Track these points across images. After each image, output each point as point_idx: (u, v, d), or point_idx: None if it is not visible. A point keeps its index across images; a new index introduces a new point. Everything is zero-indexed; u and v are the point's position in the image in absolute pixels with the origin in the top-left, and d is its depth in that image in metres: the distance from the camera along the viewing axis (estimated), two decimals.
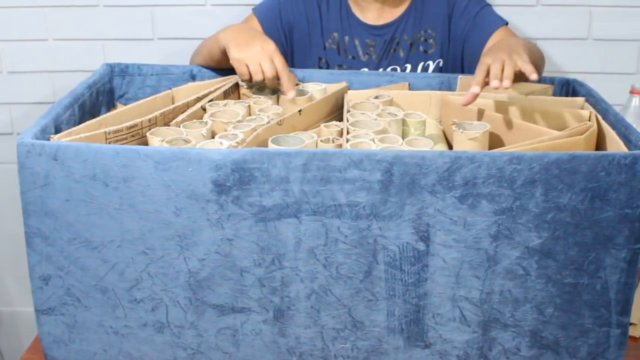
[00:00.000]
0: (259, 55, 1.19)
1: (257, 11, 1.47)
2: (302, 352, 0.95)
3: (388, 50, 1.46)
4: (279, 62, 1.20)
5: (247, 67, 1.19)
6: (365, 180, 0.86)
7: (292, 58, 1.48)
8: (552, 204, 0.87)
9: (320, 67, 1.47)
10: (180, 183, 0.87)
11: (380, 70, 1.45)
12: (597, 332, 0.93)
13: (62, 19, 1.69)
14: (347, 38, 1.45)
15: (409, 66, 1.46)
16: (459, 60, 1.45)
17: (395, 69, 1.46)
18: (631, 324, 1.08)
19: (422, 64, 1.45)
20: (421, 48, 1.45)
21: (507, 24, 1.43)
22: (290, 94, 1.18)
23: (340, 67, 1.46)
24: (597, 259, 0.89)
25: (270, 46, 1.21)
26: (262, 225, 0.88)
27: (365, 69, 1.45)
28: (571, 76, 1.24)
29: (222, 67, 1.30)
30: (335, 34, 1.46)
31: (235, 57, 1.20)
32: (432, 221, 0.88)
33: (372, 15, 1.47)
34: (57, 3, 1.68)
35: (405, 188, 0.87)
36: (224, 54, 1.24)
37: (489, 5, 1.47)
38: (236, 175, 0.87)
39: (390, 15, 1.46)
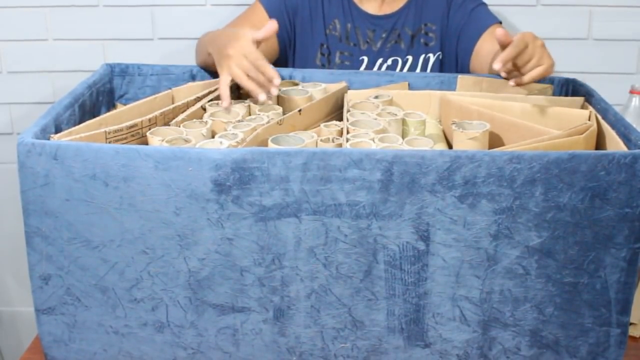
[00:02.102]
0: (240, 68, 1.12)
1: None
2: (302, 352, 0.95)
3: (389, 41, 1.47)
4: (256, 63, 1.11)
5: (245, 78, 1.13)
6: (365, 179, 0.86)
7: (294, 43, 1.49)
8: (552, 204, 0.87)
9: (322, 54, 1.47)
10: (180, 182, 0.87)
11: (381, 60, 1.46)
12: (597, 331, 0.93)
13: (62, 19, 1.69)
14: (349, 25, 1.47)
15: (410, 58, 1.46)
16: (454, 54, 1.46)
17: (396, 61, 1.47)
18: (631, 323, 1.08)
19: (423, 56, 1.46)
20: (422, 41, 1.47)
21: (500, 22, 1.45)
22: (261, 96, 1.11)
23: (342, 53, 1.47)
24: (597, 259, 0.89)
25: (243, 49, 1.13)
26: (262, 225, 0.88)
27: (365, 57, 1.46)
28: (571, 76, 1.24)
29: None
30: (337, 21, 1.47)
31: (226, 74, 1.13)
32: (432, 220, 0.88)
33: (372, 6, 1.48)
34: (57, 3, 1.68)
35: (405, 187, 0.87)
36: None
37: (484, 3, 1.49)
38: (236, 174, 0.87)
39: (389, 6, 1.48)
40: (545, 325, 0.92)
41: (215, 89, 1.20)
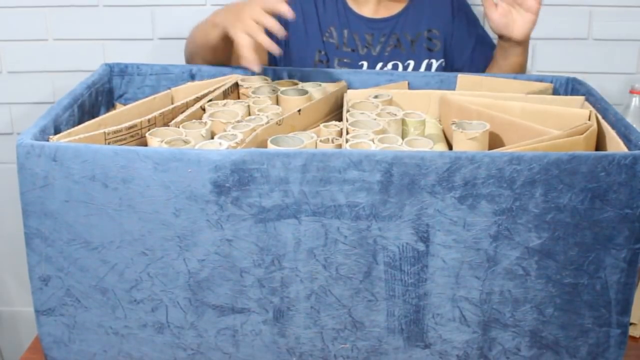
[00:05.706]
0: (248, 22, 1.13)
1: None
2: (302, 353, 0.95)
3: (388, 44, 1.46)
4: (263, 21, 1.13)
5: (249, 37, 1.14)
6: (365, 180, 0.86)
7: (288, 49, 1.48)
8: (552, 204, 0.87)
9: (320, 61, 1.47)
10: (179, 184, 0.87)
11: (381, 64, 1.46)
12: (597, 332, 0.93)
13: (62, 19, 1.69)
14: (345, 31, 1.46)
15: (411, 62, 1.46)
16: (457, 66, 1.48)
17: (397, 65, 1.46)
18: (631, 323, 1.08)
19: (426, 61, 1.46)
20: (425, 46, 1.46)
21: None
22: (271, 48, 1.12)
23: (340, 60, 1.47)
24: (597, 259, 0.89)
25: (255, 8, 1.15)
26: (262, 226, 0.88)
27: (365, 63, 1.46)
28: (571, 76, 1.24)
29: (219, 56, 1.29)
30: (333, 28, 1.47)
31: (234, 34, 1.14)
32: (432, 222, 0.88)
33: (369, 9, 1.47)
34: (57, 3, 1.68)
35: (404, 189, 0.87)
36: (223, 40, 1.22)
37: (481, 26, 1.53)
38: (235, 176, 0.87)
39: (387, 10, 1.47)
40: (545, 325, 0.92)
41: (215, 89, 1.20)
